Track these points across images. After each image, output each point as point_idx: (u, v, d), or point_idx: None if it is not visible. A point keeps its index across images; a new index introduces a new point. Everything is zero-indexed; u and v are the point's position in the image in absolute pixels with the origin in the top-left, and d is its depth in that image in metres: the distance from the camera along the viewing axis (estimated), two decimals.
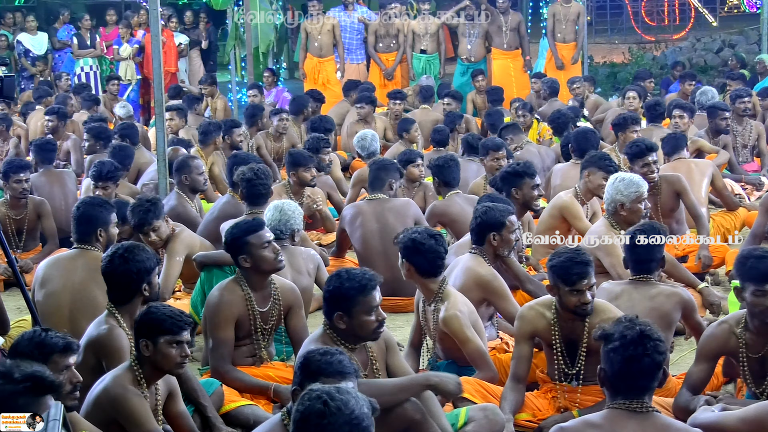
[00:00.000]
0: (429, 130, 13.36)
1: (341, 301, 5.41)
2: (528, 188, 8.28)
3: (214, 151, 11.69)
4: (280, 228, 7.40)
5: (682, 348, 7.19)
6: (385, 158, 9.15)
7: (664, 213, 9.10)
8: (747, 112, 12.71)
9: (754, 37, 21.98)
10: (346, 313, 5.40)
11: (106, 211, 7.10)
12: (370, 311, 5.41)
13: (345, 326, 5.42)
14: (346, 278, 5.42)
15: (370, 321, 5.42)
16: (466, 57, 18.22)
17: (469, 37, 18.25)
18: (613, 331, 4.49)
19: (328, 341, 5.42)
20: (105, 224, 7.03)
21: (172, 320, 5.25)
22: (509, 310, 6.66)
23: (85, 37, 19.40)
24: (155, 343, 5.23)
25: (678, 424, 4.56)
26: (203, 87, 17.09)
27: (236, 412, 6.10)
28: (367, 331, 5.45)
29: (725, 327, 5.77)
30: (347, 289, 5.40)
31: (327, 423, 3.68)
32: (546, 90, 15.80)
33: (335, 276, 5.50)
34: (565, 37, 18.22)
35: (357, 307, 5.39)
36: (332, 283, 5.47)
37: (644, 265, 6.45)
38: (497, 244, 6.98)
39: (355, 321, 5.41)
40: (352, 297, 5.39)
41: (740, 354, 5.72)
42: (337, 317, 5.42)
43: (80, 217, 7.09)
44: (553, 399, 6.08)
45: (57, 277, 6.84)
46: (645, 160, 8.94)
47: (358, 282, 5.40)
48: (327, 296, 5.49)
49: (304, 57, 18.28)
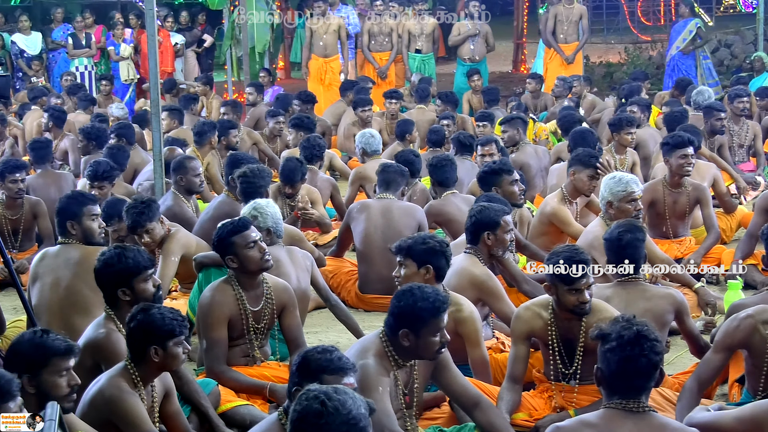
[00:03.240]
0: (425, 130, 13.37)
1: (412, 320, 5.26)
2: (507, 185, 8.37)
3: (210, 152, 11.69)
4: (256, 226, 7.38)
5: (679, 348, 7.19)
6: (400, 164, 9.13)
7: (677, 214, 9.17)
8: (745, 112, 12.74)
9: (750, 37, 21.97)
10: (413, 332, 5.27)
11: (76, 203, 7.10)
12: (436, 332, 5.29)
13: (409, 344, 5.29)
14: (420, 297, 5.26)
15: (435, 342, 5.30)
16: (469, 57, 18.21)
17: (471, 37, 18.27)
18: (610, 331, 4.49)
19: (381, 353, 5.33)
20: (75, 217, 7.02)
21: (177, 321, 5.26)
22: (504, 311, 6.66)
23: (80, 36, 19.39)
24: (165, 347, 5.23)
25: (674, 423, 4.57)
26: (198, 85, 17.14)
27: (232, 412, 6.10)
28: (430, 352, 5.34)
29: (751, 321, 5.66)
30: (420, 309, 5.25)
31: (324, 423, 3.68)
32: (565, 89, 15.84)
33: (408, 292, 5.32)
34: (566, 38, 18.27)
35: (426, 328, 5.26)
36: (405, 300, 5.30)
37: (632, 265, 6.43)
38: (491, 244, 6.97)
39: (420, 341, 5.28)
40: (424, 318, 5.25)
41: (767, 350, 5.64)
42: (403, 334, 5.27)
43: (57, 212, 7.19)
44: (549, 399, 6.08)
45: (44, 275, 6.86)
46: (684, 152, 9.00)
47: (432, 303, 5.25)
48: (396, 312, 5.32)
49: (308, 56, 18.19)
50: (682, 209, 9.17)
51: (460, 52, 18.55)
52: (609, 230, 6.62)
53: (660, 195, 9.15)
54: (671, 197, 9.14)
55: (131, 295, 5.81)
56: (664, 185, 9.16)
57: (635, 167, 10.88)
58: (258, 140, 13.29)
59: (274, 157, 12.87)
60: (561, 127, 12.53)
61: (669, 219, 9.14)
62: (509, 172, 8.47)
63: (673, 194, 9.14)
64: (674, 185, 9.13)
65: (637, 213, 7.74)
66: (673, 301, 6.34)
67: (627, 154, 10.91)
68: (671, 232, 9.15)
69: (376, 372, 5.24)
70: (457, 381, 5.65)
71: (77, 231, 7.01)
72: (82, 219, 7.04)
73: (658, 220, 9.08)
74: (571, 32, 18.25)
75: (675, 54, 18.44)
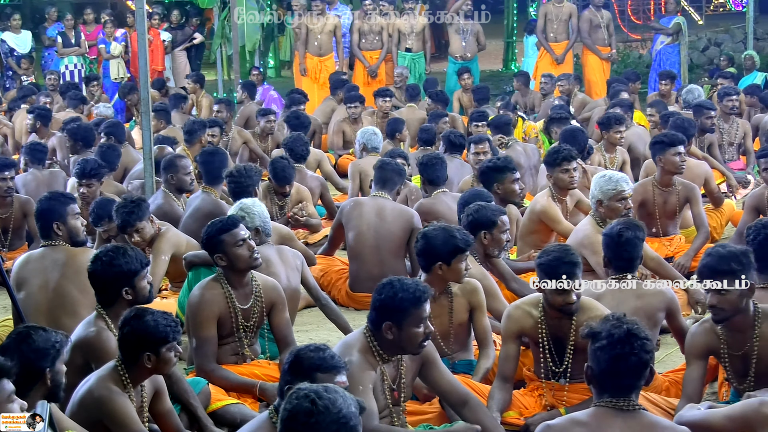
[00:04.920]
0: (415, 128, 13.37)
1: (393, 311, 5.29)
2: (509, 182, 8.40)
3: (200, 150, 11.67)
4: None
5: (669, 346, 7.20)
6: (398, 162, 9.12)
7: (668, 213, 9.18)
8: (734, 110, 12.78)
9: (740, 36, 22.03)
10: (396, 324, 5.29)
11: (60, 204, 7.01)
12: (419, 323, 5.31)
13: (393, 337, 5.31)
14: (400, 288, 5.30)
15: (418, 333, 5.31)
16: (461, 55, 18.21)
17: (463, 34, 18.26)
18: (600, 330, 4.49)
19: (366, 348, 5.36)
20: (60, 217, 6.95)
21: (170, 328, 5.23)
22: (500, 309, 6.66)
23: (69, 35, 19.36)
24: (158, 354, 5.21)
25: (664, 422, 4.57)
26: (188, 83, 17.12)
27: (223, 411, 6.08)
28: (414, 344, 5.35)
29: (706, 326, 5.77)
30: (401, 300, 5.28)
31: (315, 422, 3.68)
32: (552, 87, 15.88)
33: (388, 285, 5.35)
34: (557, 36, 18.28)
35: (408, 318, 5.28)
36: (385, 292, 5.33)
37: (628, 263, 6.44)
38: (488, 243, 7.03)
39: (404, 333, 5.30)
40: (405, 308, 5.28)
41: (722, 352, 5.73)
42: (386, 327, 5.30)
43: (37, 214, 7.08)
44: (540, 397, 6.09)
45: (31, 278, 6.81)
46: (678, 150, 9.05)
47: (412, 293, 5.28)
48: (378, 305, 5.35)
49: (303, 53, 18.12)
50: (672, 208, 9.17)
51: (452, 49, 18.55)
52: (610, 226, 6.63)
53: (650, 194, 9.16)
54: (661, 196, 9.15)
55: (133, 294, 5.82)
56: (654, 184, 9.17)
57: (625, 166, 10.91)
58: (248, 139, 13.28)
59: (264, 157, 12.85)
60: (555, 126, 12.50)
61: (659, 218, 9.14)
62: (512, 170, 8.52)
63: (663, 193, 9.15)
64: (664, 184, 9.14)
65: (627, 211, 7.74)
66: (665, 299, 6.35)
67: (617, 153, 10.93)
68: (661, 231, 9.17)
69: (360, 368, 5.26)
70: (445, 379, 5.65)
71: (63, 231, 6.93)
72: (67, 219, 6.97)
73: (648, 219, 9.09)
74: (561, 31, 18.25)
75: (660, 49, 18.45)
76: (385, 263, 8.31)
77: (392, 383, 5.47)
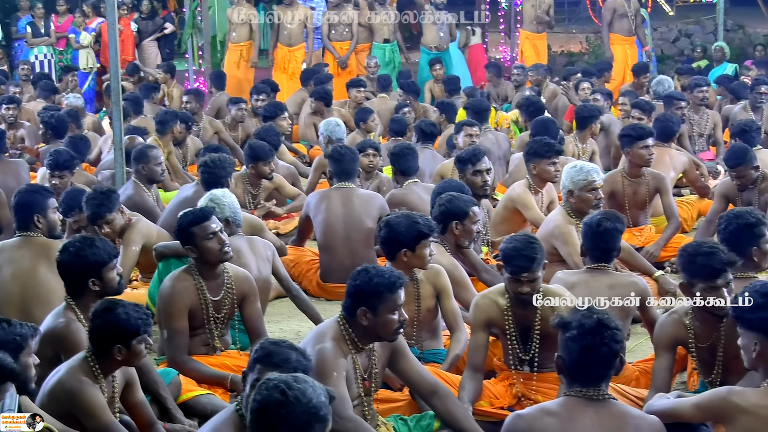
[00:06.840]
0: (387, 119, 13.37)
1: (368, 297, 5.27)
2: (469, 174, 8.38)
3: (171, 140, 11.65)
4: None
5: (639, 335, 7.23)
6: (354, 149, 9.08)
7: (638, 204, 9.23)
8: (705, 102, 12.85)
9: (711, 27, 22.11)
10: (371, 309, 5.28)
11: (42, 197, 7.02)
12: (394, 310, 5.30)
13: (367, 323, 5.30)
14: (375, 274, 5.30)
15: (393, 320, 5.30)
16: (436, 45, 18.21)
17: (439, 25, 18.27)
18: (571, 320, 4.51)
19: (339, 336, 5.35)
20: (42, 210, 6.94)
21: (141, 320, 5.20)
22: (469, 300, 6.63)
23: (39, 25, 19.24)
24: (129, 346, 5.19)
25: (634, 411, 4.60)
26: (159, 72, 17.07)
27: (193, 402, 6.07)
28: (389, 331, 5.34)
29: (675, 317, 5.79)
30: (376, 285, 5.27)
31: (285, 412, 3.68)
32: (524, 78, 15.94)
33: (363, 272, 5.35)
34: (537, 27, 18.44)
35: (383, 304, 5.27)
36: (360, 278, 5.32)
37: (605, 253, 6.47)
38: (459, 234, 7.05)
39: (379, 319, 5.29)
40: (380, 294, 5.27)
41: (690, 343, 5.76)
42: (361, 313, 5.28)
43: (17, 205, 7.05)
44: (510, 386, 6.10)
45: (4, 266, 6.78)
46: (646, 143, 9.12)
47: (387, 279, 5.28)
48: (353, 291, 5.33)
49: (275, 44, 18.09)
50: (641, 199, 9.21)
51: (425, 40, 18.54)
52: (590, 216, 6.67)
53: (619, 185, 9.19)
54: (631, 187, 9.19)
55: (100, 285, 5.80)
56: (623, 175, 9.21)
57: (594, 156, 10.97)
58: (220, 129, 13.24)
59: (235, 147, 12.79)
60: (526, 115, 12.55)
61: (629, 209, 9.17)
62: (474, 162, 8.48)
63: (633, 184, 9.19)
64: (633, 175, 9.18)
65: (598, 202, 7.77)
66: (637, 289, 6.35)
67: (587, 144, 10.99)
68: (631, 222, 9.19)
69: (333, 356, 5.26)
70: (413, 368, 5.66)
71: (43, 224, 6.93)
72: (47, 212, 6.98)
73: (618, 209, 9.06)
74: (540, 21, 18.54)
75: None
76: (356, 253, 8.30)
77: (364, 373, 5.47)
